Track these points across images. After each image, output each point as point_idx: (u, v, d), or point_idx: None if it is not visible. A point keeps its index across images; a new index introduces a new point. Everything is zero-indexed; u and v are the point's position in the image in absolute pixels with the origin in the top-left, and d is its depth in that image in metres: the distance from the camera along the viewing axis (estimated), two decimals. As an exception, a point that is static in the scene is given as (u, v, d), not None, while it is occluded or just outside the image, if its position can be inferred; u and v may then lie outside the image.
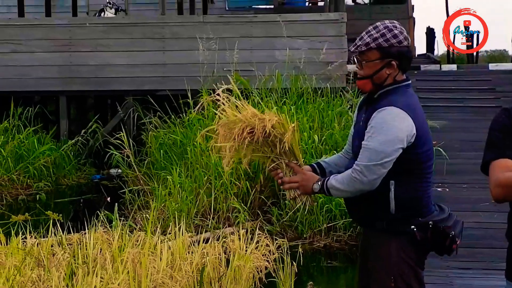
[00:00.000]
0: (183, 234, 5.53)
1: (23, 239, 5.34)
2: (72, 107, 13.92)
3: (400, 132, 2.97)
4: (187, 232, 5.80)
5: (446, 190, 7.61)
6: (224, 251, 5.53)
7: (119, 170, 10.28)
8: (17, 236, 5.24)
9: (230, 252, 5.49)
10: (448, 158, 8.16)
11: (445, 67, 13.92)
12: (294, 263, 5.47)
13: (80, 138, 11.62)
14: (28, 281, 4.44)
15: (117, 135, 9.38)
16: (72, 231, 5.75)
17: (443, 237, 3.06)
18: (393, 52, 3.06)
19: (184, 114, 10.00)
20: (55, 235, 5.35)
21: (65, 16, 14.52)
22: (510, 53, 23.18)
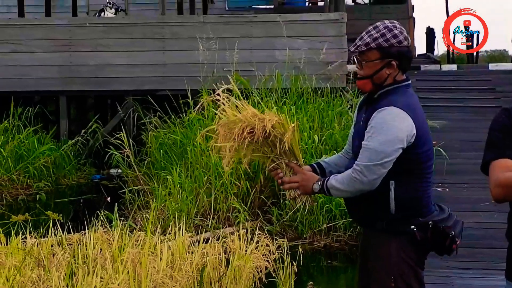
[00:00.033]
0: (183, 234, 5.53)
1: (23, 239, 5.33)
2: (72, 107, 13.92)
3: (400, 132, 2.97)
4: (187, 232, 5.79)
5: (446, 190, 7.61)
6: (224, 251, 5.53)
7: (119, 170, 10.28)
8: (17, 236, 5.24)
9: (230, 252, 5.49)
10: (448, 158, 8.15)
11: (445, 67, 13.92)
12: (294, 263, 5.47)
13: (80, 138, 11.62)
14: (28, 281, 4.44)
15: (117, 135, 9.38)
16: (72, 231, 5.74)
17: (443, 237, 3.06)
18: (393, 52, 3.06)
19: (184, 114, 9.99)
20: (55, 235, 5.35)
21: (65, 16, 14.51)
22: (510, 53, 23.18)
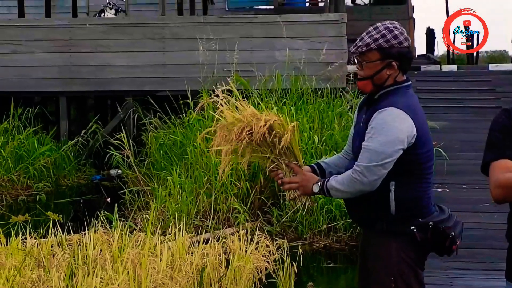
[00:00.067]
0: (183, 235, 5.53)
1: (23, 239, 5.33)
2: (72, 107, 13.91)
3: (400, 133, 2.97)
4: (187, 233, 5.79)
5: (446, 190, 7.60)
6: (224, 251, 5.53)
7: (119, 171, 10.28)
8: (17, 237, 5.23)
9: (230, 252, 5.48)
10: (448, 158, 8.15)
11: (445, 67, 13.93)
12: (294, 263, 5.46)
13: (80, 139, 11.62)
14: (28, 282, 4.44)
15: (117, 135, 9.37)
16: (72, 232, 5.74)
17: (443, 237, 3.05)
18: (394, 53, 3.06)
19: (184, 114, 9.99)
20: (55, 235, 5.34)
21: (65, 17, 14.51)
22: (510, 53, 23.18)
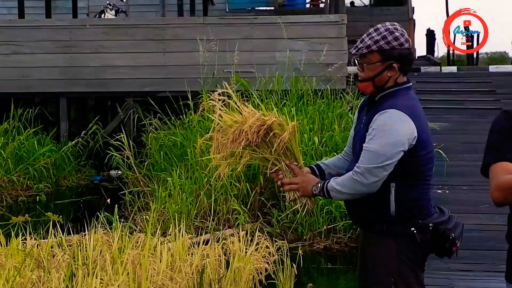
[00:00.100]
0: (183, 236, 5.52)
1: (23, 240, 5.33)
2: (73, 108, 13.91)
3: (401, 135, 2.97)
4: (187, 234, 5.79)
5: (446, 192, 7.60)
6: (224, 252, 5.52)
7: (119, 172, 10.28)
8: (17, 237, 5.23)
9: (230, 253, 5.48)
10: (448, 160, 8.15)
11: (445, 69, 13.94)
12: (294, 265, 5.46)
13: (80, 140, 11.63)
14: (28, 283, 4.44)
15: (117, 136, 9.38)
16: (72, 233, 5.73)
17: (443, 239, 3.05)
18: (395, 54, 3.06)
19: (184, 115, 10.00)
20: (55, 236, 5.34)
21: (66, 18, 14.51)
22: (511, 55, 23.20)
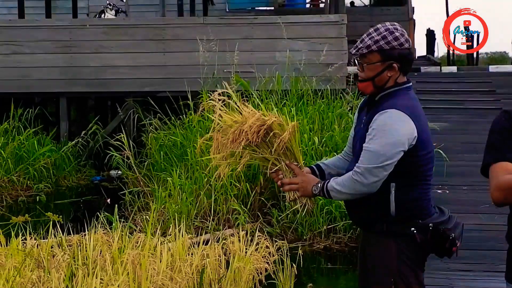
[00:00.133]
0: (183, 236, 5.52)
1: (23, 240, 5.33)
2: (73, 108, 13.91)
3: (401, 135, 2.96)
4: (187, 234, 5.79)
5: (446, 192, 7.60)
6: (224, 252, 5.52)
7: (119, 172, 10.28)
8: (17, 237, 5.23)
9: (230, 253, 5.48)
10: (448, 160, 8.15)
11: (445, 69, 13.94)
12: (294, 265, 5.46)
13: (80, 140, 11.63)
14: (28, 283, 4.44)
15: (117, 136, 9.38)
16: (72, 233, 5.73)
17: (443, 239, 3.05)
18: (395, 54, 3.05)
19: (184, 115, 10.00)
20: (55, 236, 5.34)
21: (66, 18, 14.51)
22: (511, 55, 23.20)
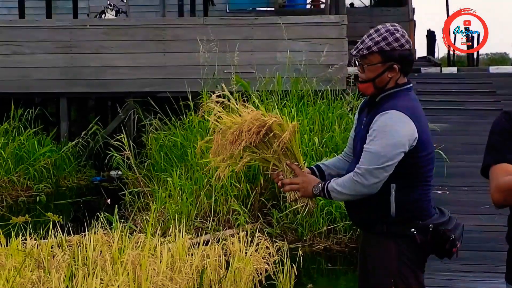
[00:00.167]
0: (183, 236, 5.52)
1: (23, 240, 5.33)
2: (73, 108, 13.92)
3: (402, 136, 2.97)
4: (187, 234, 5.79)
5: (446, 193, 7.60)
6: (224, 253, 5.52)
7: (119, 172, 10.28)
8: (17, 238, 5.23)
9: (230, 254, 5.48)
10: (448, 161, 8.15)
11: (445, 70, 13.93)
12: (294, 265, 5.47)
13: (81, 140, 11.63)
14: (28, 283, 4.44)
15: (118, 137, 9.38)
16: (72, 233, 5.73)
17: (443, 240, 3.05)
18: (395, 55, 3.05)
19: (184, 116, 10.00)
20: (55, 236, 5.34)
21: (66, 18, 14.51)
22: (511, 56, 23.20)
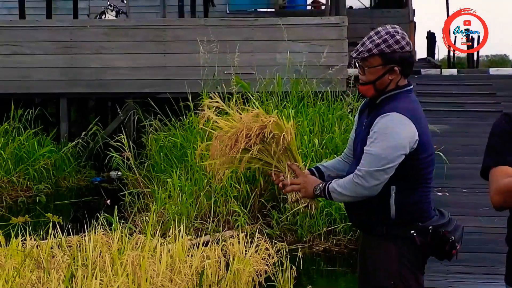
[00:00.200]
0: (182, 237, 5.52)
1: (22, 241, 5.32)
2: (73, 109, 13.91)
3: (402, 138, 2.97)
4: (186, 235, 5.79)
5: (446, 194, 7.59)
6: (223, 254, 5.52)
7: (119, 173, 10.28)
8: (16, 238, 5.22)
9: (230, 255, 5.47)
10: (448, 162, 8.14)
11: (445, 71, 13.91)
12: (294, 267, 5.47)
13: (81, 141, 11.63)
14: (27, 283, 4.43)
15: (117, 137, 9.38)
16: (71, 233, 5.73)
17: (443, 242, 3.06)
18: (396, 57, 3.05)
19: (184, 117, 9.99)
20: (55, 237, 5.34)
21: (66, 18, 14.51)
22: (511, 57, 23.21)
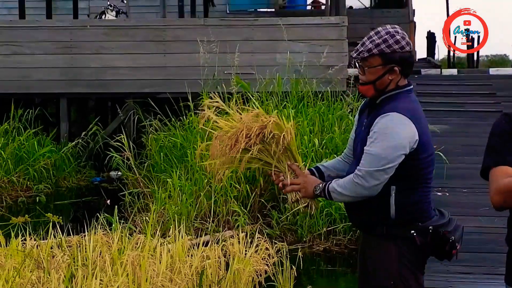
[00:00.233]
0: (182, 237, 5.52)
1: (22, 241, 5.32)
2: (73, 109, 13.91)
3: (402, 138, 2.97)
4: (186, 235, 5.79)
5: (446, 194, 7.59)
6: (223, 254, 5.52)
7: (119, 173, 10.28)
8: (16, 238, 5.22)
9: (230, 255, 5.48)
10: (448, 162, 8.14)
11: (445, 71, 13.91)
12: (294, 267, 5.47)
13: (81, 141, 11.63)
14: (27, 283, 4.43)
15: (117, 137, 9.38)
16: (71, 233, 5.73)
17: (443, 242, 3.06)
18: (396, 57, 3.05)
19: (184, 117, 10.00)
20: (55, 237, 5.34)
21: (66, 18, 14.51)
22: (511, 57, 23.21)
